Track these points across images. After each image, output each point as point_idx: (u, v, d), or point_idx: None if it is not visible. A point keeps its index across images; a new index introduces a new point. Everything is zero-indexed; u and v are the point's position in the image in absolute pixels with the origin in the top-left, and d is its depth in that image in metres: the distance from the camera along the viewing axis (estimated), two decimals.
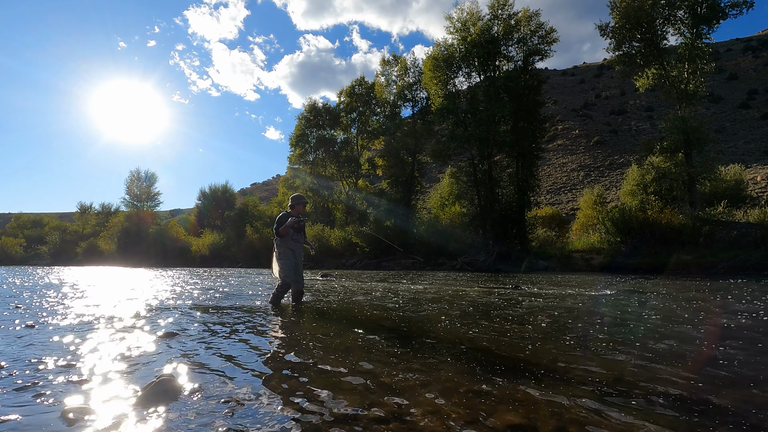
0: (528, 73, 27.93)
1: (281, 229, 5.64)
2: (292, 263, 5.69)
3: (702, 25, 22.19)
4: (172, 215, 73.02)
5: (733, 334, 3.63)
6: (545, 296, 7.17)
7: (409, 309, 5.41)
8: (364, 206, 37.82)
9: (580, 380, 2.21)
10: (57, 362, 2.54)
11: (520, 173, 27.71)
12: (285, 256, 5.68)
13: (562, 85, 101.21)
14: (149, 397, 1.87)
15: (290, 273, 5.64)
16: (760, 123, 63.63)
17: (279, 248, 5.72)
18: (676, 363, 2.61)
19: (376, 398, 1.92)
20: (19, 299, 6.50)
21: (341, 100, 41.98)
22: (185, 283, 11.18)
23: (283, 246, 5.72)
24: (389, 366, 2.49)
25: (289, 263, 5.66)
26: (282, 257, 5.67)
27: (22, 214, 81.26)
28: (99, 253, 47.07)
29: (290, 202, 5.89)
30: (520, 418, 1.69)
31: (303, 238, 6.00)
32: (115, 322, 4.14)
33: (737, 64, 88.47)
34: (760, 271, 15.69)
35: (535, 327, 3.94)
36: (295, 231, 5.80)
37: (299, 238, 5.89)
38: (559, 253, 24.14)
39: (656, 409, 1.80)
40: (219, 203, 54.62)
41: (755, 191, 38.16)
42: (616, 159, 60.47)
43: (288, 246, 5.75)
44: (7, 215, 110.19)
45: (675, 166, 22.43)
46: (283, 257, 5.67)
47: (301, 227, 5.93)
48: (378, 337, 3.43)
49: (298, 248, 5.86)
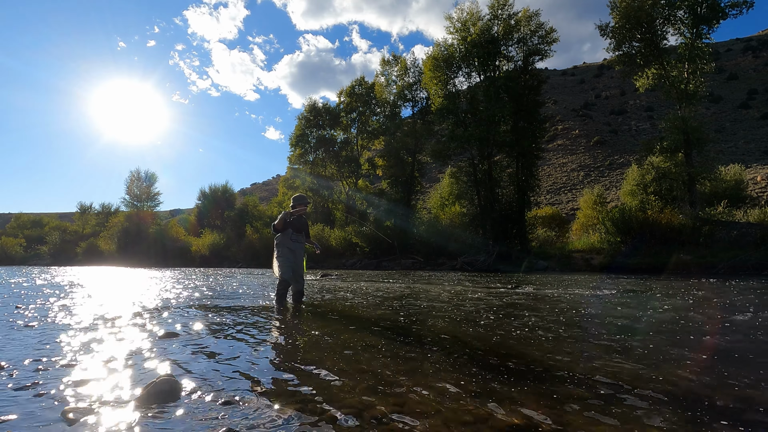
0: (528, 73, 27.95)
1: (276, 222, 5.65)
2: (290, 262, 5.62)
3: (702, 25, 22.21)
4: (172, 215, 73.04)
5: (733, 334, 3.63)
6: (545, 296, 7.18)
7: (409, 308, 5.41)
8: (364, 206, 37.84)
9: (580, 380, 2.21)
10: (57, 362, 2.54)
11: (520, 173, 27.72)
12: (283, 255, 5.64)
13: (562, 85, 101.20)
14: (149, 396, 1.87)
15: (287, 271, 5.58)
16: (760, 123, 63.63)
17: (278, 248, 5.68)
18: (676, 363, 2.61)
19: (376, 398, 1.92)
20: (19, 299, 6.50)
21: (341, 100, 42.00)
22: (185, 283, 11.18)
23: (282, 246, 5.67)
24: (389, 366, 2.49)
25: (287, 262, 5.60)
26: (280, 256, 5.63)
27: (22, 214, 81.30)
28: (99, 253, 47.09)
29: (291, 202, 5.84)
30: (520, 419, 1.69)
31: (304, 238, 5.92)
32: (115, 322, 4.14)
33: (737, 64, 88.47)
34: (760, 271, 15.69)
35: (534, 327, 3.94)
36: (294, 231, 5.73)
37: (299, 238, 5.80)
38: (559, 253, 24.14)
39: (656, 409, 1.79)
40: (219, 203, 54.60)
41: (755, 191, 38.16)
42: (616, 159, 60.47)
43: (287, 245, 5.69)
44: (7, 215, 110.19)
45: (675, 166, 22.44)
46: (281, 256, 5.63)
47: (302, 227, 5.86)
48: (377, 336, 3.43)
49: (298, 248, 5.78)
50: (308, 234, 6.10)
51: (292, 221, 5.75)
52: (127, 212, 49.42)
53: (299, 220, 5.85)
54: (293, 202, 5.81)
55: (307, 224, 6.11)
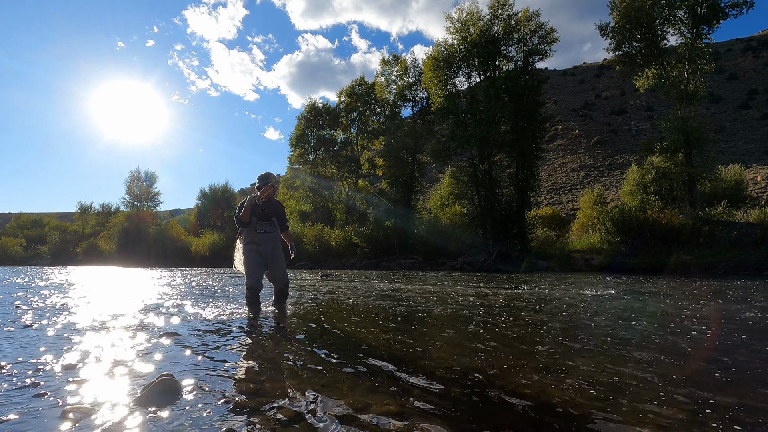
0: (528, 73, 27.93)
1: (242, 213, 4.44)
2: (255, 261, 4.54)
3: (702, 25, 22.20)
4: (172, 215, 73.01)
5: (733, 334, 3.63)
6: (545, 296, 7.18)
7: (408, 307, 5.41)
8: (364, 206, 37.85)
9: (579, 380, 2.22)
10: (57, 362, 2.54)
11: (520, 173, 27.71)
12: (246, 253, 4.57)
13: (562, 85, 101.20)
14: (149, 396, 1.87)
15: (254, 274, 4.52)
16: (760, 123, 63.64)
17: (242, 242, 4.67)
18: (675, 363, 2.61)
19: (375, 397, 1.92)
20: (19, 299, 6.50)
21: (341, 100, 42.01)
22: (185, 283, 11.18)
23: (246, 240, 4.60)
24: (389, 366, 2.49)
25: (252, 261, 4.53)
26: (244, 254, 4.59)
27: (22, 214, 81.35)
28: (99, 253, 47.06)
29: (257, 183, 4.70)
30: (520, 418, 1.69)
31: (273, 228, 4.71)
32: (115, 322, 4.14)
33: (737, 64, 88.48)
34: (760, 271, 15.69)
35: (534, 327, 3.95)
36: (259, 219, 4.59)
37: (267, 228, 4.64)
38: (559, 253, 24.14)
39: (656, 409, 1.80)
40: (219, 203, 54.59)
41: (755, 191, 38.17)
42: (616, 159, 60.48)
43: (250, 239, 4.56)
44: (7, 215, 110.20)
45: (675, 166, 22.43)
46: (245, 255, 4.58)
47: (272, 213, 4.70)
48: (377, 337, 3.43)
49: (266, 240, 4.61)
50: (284, 222, 4.82)
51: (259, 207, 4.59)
52: (127, 212, 49.40)
53: (268, 205, 4.68)
54: (258, 183, 4.69)
55: (283, 210, 4.89)
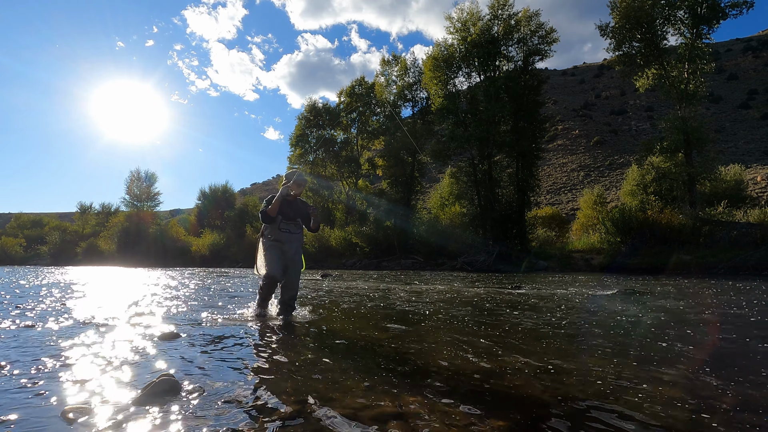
0: (528, 73, 27.96)
1: (270, 207, 4.19)
2: (278, 255, 4.25)
3: (702, 25, 22.23)
4: (172, 215, 73.03)
5: (733, 334, 3.63)
6: (545, 296, 7.18)
7: (408, 307, 5.41)
8: (364, 206, 37.87)
9: (579, 380, 2.21)
10: (57, 362, 2.54)
11: (520, 173, 27.73)
12: (269, 248, 4.29)
13: (562, 85, 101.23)
14: (149, 396, 1.87)
15: (277, 266, 4.19)
16: (760, 123, 63.67)
17: (264, 240, 4.36)
18: (675, 363, 2.61)
19: (376, 397, 1.92)
20: (19, 299, 6.50)
21: (341, 100, 42.04)
22: (185, 283, 11.18)
23: (270, 237, 4.32)
24: (388, 367, 2.49)
25: (274, 255, 4.24)
26: (267, 250, 4.30)
27: (22, 214, 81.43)
28: (99, 253, 47.09)
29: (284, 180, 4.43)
30: (519, 419, 1.69)
31: (298, 230, 4.41)
32: (115, 322, 4.13)
33: (737, 64, 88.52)
34: (760, 271, 15.69)
35: (534, 327, 3.94)
36: (285, 219, 4.31)
37: (292, 228, 4.35)
38: (559, 253, 24.16)
39: (656, 410, 1.80)
40: (219, 203, 54.65)
41: (755, 191, 38.19)
42: (616, 159, 60.51)
43: (275, 237, 4.30)
44: (7, 215, 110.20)
45: (675, 166, 22.45)
46: (267, 250, 4.29)
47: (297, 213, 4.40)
48: (377, 337, 3.43)
49: (291, 240, 4.33)
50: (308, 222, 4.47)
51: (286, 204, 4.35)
52: (127, 212, 49.45)
53: (293, 204, 4.41)
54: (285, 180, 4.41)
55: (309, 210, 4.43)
